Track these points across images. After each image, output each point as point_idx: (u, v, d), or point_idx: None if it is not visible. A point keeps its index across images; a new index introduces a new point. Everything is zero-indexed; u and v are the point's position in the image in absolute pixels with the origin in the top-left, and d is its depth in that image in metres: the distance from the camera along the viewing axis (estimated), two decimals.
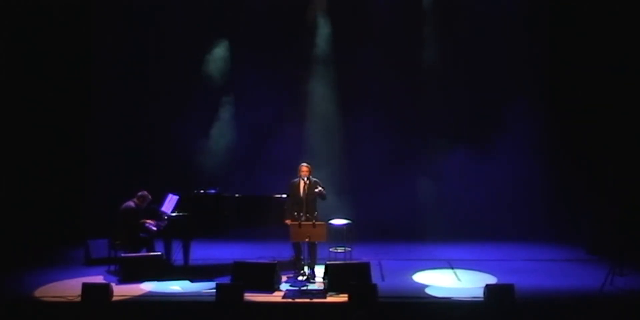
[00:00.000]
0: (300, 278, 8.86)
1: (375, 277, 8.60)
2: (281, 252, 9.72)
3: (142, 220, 9.34)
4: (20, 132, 10.94)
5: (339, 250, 9.29)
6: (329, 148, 11.84)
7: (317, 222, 8.57)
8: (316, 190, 8.96)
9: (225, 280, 8.54)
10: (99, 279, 8.92)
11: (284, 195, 9.31)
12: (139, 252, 9.24)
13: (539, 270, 9.39)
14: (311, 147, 11.78)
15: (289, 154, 11.24)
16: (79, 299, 7.76)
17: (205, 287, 8.48)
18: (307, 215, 8.79)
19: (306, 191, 8.99)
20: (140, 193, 9.43)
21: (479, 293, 7.86)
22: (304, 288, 8.44)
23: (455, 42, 11.82)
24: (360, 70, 11.87)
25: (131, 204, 9.34)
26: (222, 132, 11.99)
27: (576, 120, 11.17)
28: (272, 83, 11.70)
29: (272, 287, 8.35)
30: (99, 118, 11.83)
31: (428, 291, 8.41)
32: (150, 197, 9.45)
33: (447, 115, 11.83)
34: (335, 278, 8.32)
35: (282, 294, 8.25)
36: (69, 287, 8.36)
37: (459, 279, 9.01)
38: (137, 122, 11.93)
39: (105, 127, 11.81)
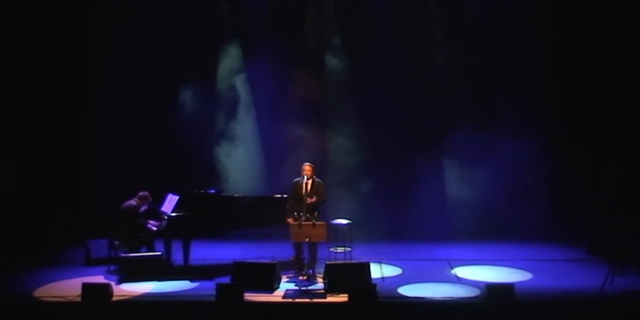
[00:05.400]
0: (300, 278, 8.87)
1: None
2: (281, 252, 9.71)
3: (144, 221, 9.33)
4: (20, 132, 10.92)
5: (339, 250, 9.28)
6: (329, 148, 11.85)
7: (317, 222, 8.56)
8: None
9: (225, 280, 8.54)
10: (99, 279, 8.90)
11: (285, 195, 9.30)
12: (139, 251, 9.25)
13: (539, 270, 9.38)
14: (312, 147, 11.76)
15: (290, 154, 11.21)
16: (79, 299, 7.76)
17: (205, 287, 8.48)
18: (307, 215, 8.79)
19: (308, 191, 8.98)
20: (142, 193, 9.42)
21: (479, 293, 7.85)
22: (304, 288, 8.44)
23: (456, 39, 11.82)
24: (365, 71, 11.85)
25: (133, 202, 9.33)
26: (222, 132, 11.98)
27: (577, 120, 11.16)
28: (277, 83, 11.69)
29: (272, 287, 8.35)
30: (98, 117, 11.80)
31: (428, 291, 8.40)
32: (150, 198, 9.46)
33: (447, 116, 11.82)
34: (335, 278, 8.32)
35: (282, 294, 8.24)
36: (69, 287, 8.35)
37: (458, 279, 9.01)
38: (137, 121, 11.89)
39: (105, 126, 11.77)
